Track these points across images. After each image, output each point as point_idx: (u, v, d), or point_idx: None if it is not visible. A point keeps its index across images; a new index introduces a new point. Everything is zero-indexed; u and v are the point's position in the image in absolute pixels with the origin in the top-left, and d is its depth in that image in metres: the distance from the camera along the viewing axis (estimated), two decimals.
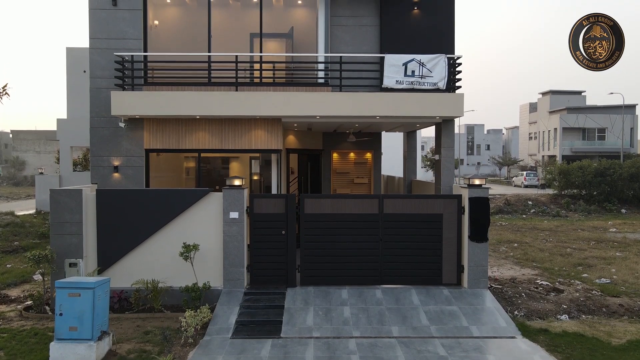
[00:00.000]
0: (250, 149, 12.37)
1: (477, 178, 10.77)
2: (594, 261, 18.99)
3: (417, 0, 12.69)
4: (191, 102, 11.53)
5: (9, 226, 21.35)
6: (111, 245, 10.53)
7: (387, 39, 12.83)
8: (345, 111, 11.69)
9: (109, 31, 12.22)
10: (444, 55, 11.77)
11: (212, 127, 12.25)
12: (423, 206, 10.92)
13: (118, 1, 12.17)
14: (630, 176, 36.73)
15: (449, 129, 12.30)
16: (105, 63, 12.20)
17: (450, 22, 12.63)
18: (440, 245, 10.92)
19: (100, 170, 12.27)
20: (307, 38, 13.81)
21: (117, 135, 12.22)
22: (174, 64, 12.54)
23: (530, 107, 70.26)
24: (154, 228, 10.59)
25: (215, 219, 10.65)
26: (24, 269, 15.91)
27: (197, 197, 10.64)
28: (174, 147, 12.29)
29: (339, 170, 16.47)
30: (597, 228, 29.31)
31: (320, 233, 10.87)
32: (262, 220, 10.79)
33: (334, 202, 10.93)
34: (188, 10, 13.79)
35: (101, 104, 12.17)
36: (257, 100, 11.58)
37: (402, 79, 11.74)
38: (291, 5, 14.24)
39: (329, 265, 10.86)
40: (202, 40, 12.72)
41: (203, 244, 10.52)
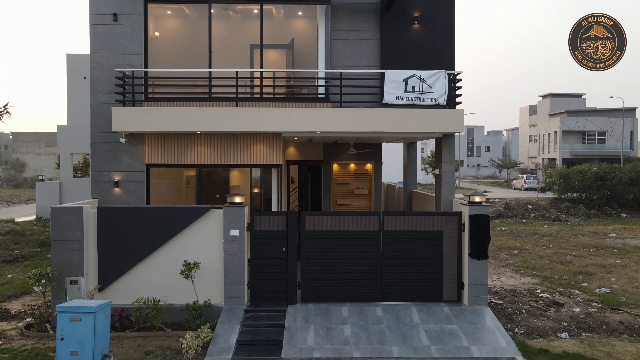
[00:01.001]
0: (251, 164, 12.39)
1: (477, 195, 10.78)
2: (594, 269, 19.02)
3: (418, 15, 12.70)
4: (192, 118, 11.55)
5: (9, 234, 21.36)
6: (112, 263, 10.55)
7: (387, 53, 12.85)
8: (345, 127, 11.71)
9: (110, 46, 12.23)
10: (444, 72, 11.78)
11: (213, 141, 12.27)
12: (423, 223, 10.94)
13: (119, 17, 12.18)
14: (630, 180, 36.76)
15: (449, 144, 12.31)
16: (106, 78, 12.21)
17: (450, 37, 12.64)
18: (440, 262, 10.94)
19: (101, 185, 12.29)
20: (307, 49, 13.83)
21: (118, 150, 12.24)
22: (174, 79, 12.56)
23: (530, 109, 70.29)
24: (155, 245, 10.60)
25: (216, 236, 10.66)
26: (24, 279, 15.92)
27: (198, 214, 10.66)
28: (174, 161, 12.30)
29: (339, 181, 16.48)
30: (597, 233, 29.33)
31: (321, 250, 10.88)
32: (263, 237, 10.81)
33: (335, 219, 10.94)
34: (189, 21, 13.80)
35: (102, 119, 12.19)
36: (257, 116, 11.60)
37: (403, 94, 11.75)
38: (292, 16, 14.25)
39: (329, 282, 10.87)
40: (202, 50, 12.71)
41: (204, 261, 10.54)
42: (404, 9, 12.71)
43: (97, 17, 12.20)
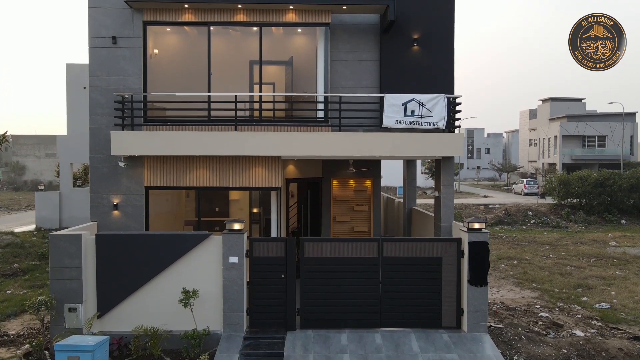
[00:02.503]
0: (250, 187, 12.38)
1: (476, 222, 10.77)
2: (594, 281, 19.04)
3: (417, 37, 12.69)
4: (191, 142, 11.55)
5: (8, 247, 21.36)
6: (111, 290, 10.54)
7: (386, 74, 12.84)
8: (345, 151, 11.70)
9: (109, 69, 12.22)
10: (444, 95, 11.77)
11: (212, 164, 12.26)
12: (423, 249, 10.94)
13: (118, 39, 12.17)
14: (630, 187, 36.80)
15: (448, 166, 12.30)
16: (105, 101, 12.20)
17: (449, 59, 12.63)
18: (439, 288, 10.93)
19: (100, 207, 12.28)
20: (307, 65, 13.79)
21: (117, 173, 12.23)
22: (174, 103, 12.57)
23: (530, 113, 70.29)
24: (153, 272, 10.60)
25: (215, 262, 10.65)
26: (24, 295, 15.94)
27: (197, 241, 10.65)
28: (173, 184, 12.29)
29: (338, 197, 16.47)
30: (597, 241, 29.34)
31: (320, 276, 10.88)
32: (262, 264, 10.80)
33: (334, 245, 10.95)
34: (188, 37, 13.75)
35: (101, 142, 12.18)
36: (256, 140, 11.59)
37: (402, 118, 11.74)
38: (291, 34, 14.23)
39: (328, 309, 10.87)
40: (202, 66, 12.64)
41: (203, 287, 10.53)
42: (403, 31, 12.70)
43: (96, 39, 12.19)
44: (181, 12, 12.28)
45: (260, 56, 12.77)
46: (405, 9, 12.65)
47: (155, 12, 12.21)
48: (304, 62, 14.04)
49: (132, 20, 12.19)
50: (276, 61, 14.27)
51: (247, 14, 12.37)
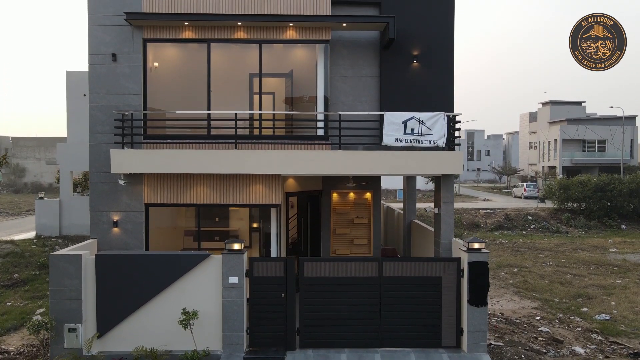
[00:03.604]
0: (250, 204, 12.39)
1: (476, 242, 10.78)
2: (594, 291, 19.07)
3: (417, 54, 12.69)
4: (190, 160, 11.55)
5: (8, 256, 21.39)
6: (110, 310, 10.55)
7: (386, 90, 12.85)
8: (344, 169, 11.71)
9: (109, 86, 12.22)
10: (444, 114, 11.77)
11: (212, 181, 12.26)
12: (422, 269, 10.95)
13: (118, 57, 12.17)
14: (630, 192, 36.84)
15: (448, 184, 12.30)
16: (105, 118, 12.21)
17: (449, 77, 12.64)
18: (439, 307, 10.94)
19: (100, 225, 12.28)
20: (307, 77, 13.76)
21: (117, 190, 12.23)
22: (174, 121, 12.58)
23: (530, 116, 70.31)
24: (153, 292, 10.61)
25: (215, 282, 10.66)
26: (24, 307, 15.96)
27: (197, 261, 10.66)
28: (173, 201, 12.30)
29: (338, 210, 16.46)
30: (597, 247, 29.38)
31: (320, 296, 10.89)
32: (262, 284, 10.81)
33: (334, 265, 10.95)
34: (188, 50, 13.71)
35: (101, 159, 12.18)
36: (256, 158, 11.60)
37: (402, 137, 11.74)
38: (291, 47, 14.18)
39: (328, 328, 10.88)
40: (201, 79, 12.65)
41: (202, 307, 10.54)
42: (404, 47, 12.71)
43: (96, 57, 12.19)
44: (181, 30, 12.28)
45: (260, 70, 12.77)
46: (405, 26, 12.66)
47: (155, 29, 12.21)
48: (304, 74, 14.01)
49: (132, 38, 12.19)
50: (276, 73, 14.25)
51: (247, 31, 12.37)
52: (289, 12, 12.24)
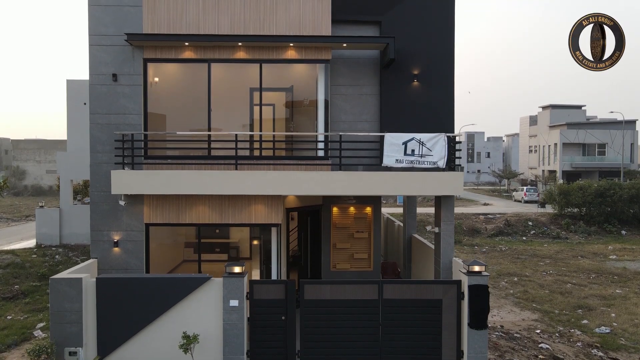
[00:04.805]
0: (250, 223, 12.41)
1: (476, 265, 10.79)
2: (594, 301, 19.11)
3: (417, 73, 12.71)
4: (191, 181, 11.56)
5: (9, 267, 21.41)
6: (111, 333, 10.57)
7: (386, 109, 12.87)
8: (345, 190, 11.74)
9: (109, 106, 12.23)
10: (444, 134, 11.77)
11: (212, 201, 12.27)
12: (422, 291, 10.95)
13: (118, 77, 12.18)
14: (631, 197, 36.88)
15: (448, 204, 12.31)
16: (105, 138, 12.22)
17: (450, 96, 12.65)
18: (439, 330, 10.94)
19: (101, 244, 12.30)
20: (307, 92, 13.77)
21: (117, 210, 12.24)
22: (174, 142, 12.60)
23: (530, 119, 70.29)
24: (154, 315, 10.62)
25: (215, 305, 10.66)
26: (25, 321, 15.97)
27: (197, 284, 10.67)
28: (174, 221, 12.31)
29: (339, 224, 16.45)
30: (597, 254, 29.42)
31: (320, 318, 10.90)
32: (262, 306, 10.82)
33: (334, 287, 10.96)
34: (188, 69, 13.71)
35: (102, 179, 12.19)
36: (256, 179, 11.61)
37: (402, 157, 11.74)
38: (291, 65, 14.20)
39: (328, 351, 10.88)
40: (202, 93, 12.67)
41: (203, 330, 10.55)
42: (404, 66, 12.73)
43: (96, 77, 12.20)
44: (182, 50, 12.28)
45: (260, 86, 12.78)
46: (406, 45, 12.67)
47: (156, 49, 12.22)
48: (304, 89, 14.02)
49: (133, 58, 12.20)
50: (276, 88, 14.26)
51: (248, 51, 12.38)
52: (289, 32, 12.25)
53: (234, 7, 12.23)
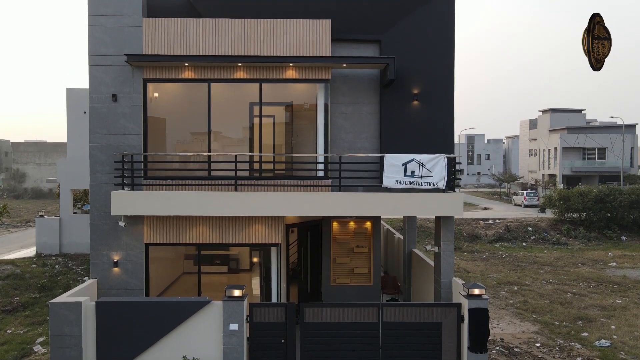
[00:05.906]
0: (250, 243, 12.41)
1: (476, 288, 10.78)
2: (594, 312, 19.11)
3: (417, 92, 12.70)
4: (191, 202, 11.54)
5: (9, 278, 21.40)
6: (111, 357, 10.55)
7: (386, 128, 12.86)
8: (345, 211, 11.72)
9: (109, 127, 12.22)
10: (444, 156, 11.76)
11: (212, 221, 12.27)
12: (422, 314, 10.95)
13: (118, 97, 12.17)
14: (631, 203, 36.86)
15: (448, 224, 12.29)
16: (105, 158, 12.21)
17: (450, 116, 12.65)
18: (440, 353, 10.94)
19: (100, 264, 12.29)
20: (307, 108, 13.76)
21: (117, 230, 12.24)
22: (174, 163, 12.60)
23: (530, 123, 70.28)
24: (154, 338, 10.61)
25: (215, 328, 10.66)
26: (25, 335, 15.98)
27: (197, 307, 10.66)
28: (173, 241, 12.31)
29: (339, 239, 16.43)
30: (597, 261, 29.41)
31: (320, 341, 10.89)
32: (262, 329, 10.82)
33: (334, 310, 10.96)
34: (188, 89, 13.69)
35: (101, 199, 12.18)
36: (256, 201, 11.59)
37: (402, 178, 11.74)
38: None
39: None
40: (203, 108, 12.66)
41: (203, 353, 10.55)
42: (404, 85, 12.72)
43: (96, 97, 12.19)
44: (181, 70, 12.27)
45: (260, 102, 12.75)
46: (406, 64, 12.67)
47: (156, 69, 12.21)
48: (304, 106, 14.01)
49: (133, 78, 12.19)
50: (276, 102, 14.24)
51: (247, 71, 12.37)
52: (289, 52, 12.24)
53: (234, 28, 12.22)
